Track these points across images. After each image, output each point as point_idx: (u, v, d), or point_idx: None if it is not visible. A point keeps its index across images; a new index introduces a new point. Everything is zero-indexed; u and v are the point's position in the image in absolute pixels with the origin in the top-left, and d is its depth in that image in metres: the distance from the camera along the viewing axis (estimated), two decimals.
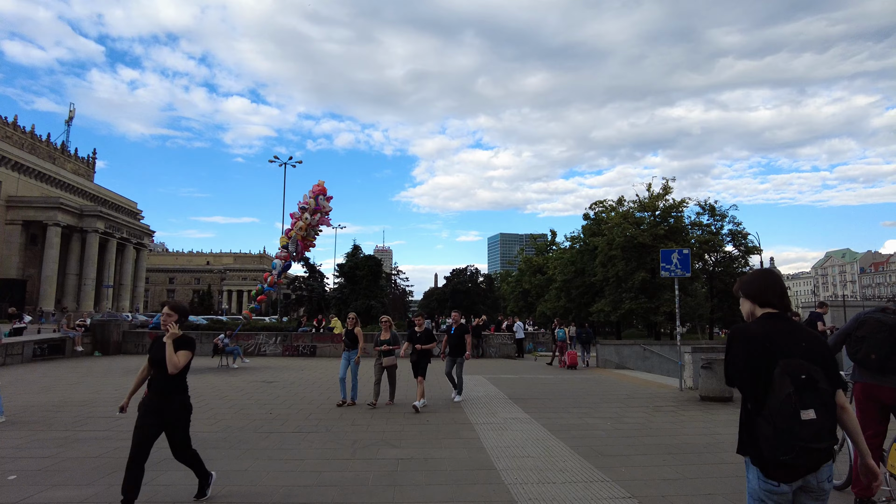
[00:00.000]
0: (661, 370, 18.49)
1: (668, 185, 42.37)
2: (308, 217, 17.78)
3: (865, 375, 4.78)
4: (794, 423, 2.25)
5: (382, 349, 10.29)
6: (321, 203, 17.98)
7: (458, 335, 10.94)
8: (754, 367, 2.39)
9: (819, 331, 11.15)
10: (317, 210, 17.91)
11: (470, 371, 17.08)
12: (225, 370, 17.07)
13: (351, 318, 11.15)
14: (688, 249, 12.38)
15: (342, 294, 36.73)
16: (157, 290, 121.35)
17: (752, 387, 2.39)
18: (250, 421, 8.65)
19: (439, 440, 7.29)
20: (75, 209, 71.93)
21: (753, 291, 2.63)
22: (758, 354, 2.39)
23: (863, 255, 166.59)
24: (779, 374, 2.31)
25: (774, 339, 2.41)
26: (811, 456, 2.29)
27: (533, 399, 11.03)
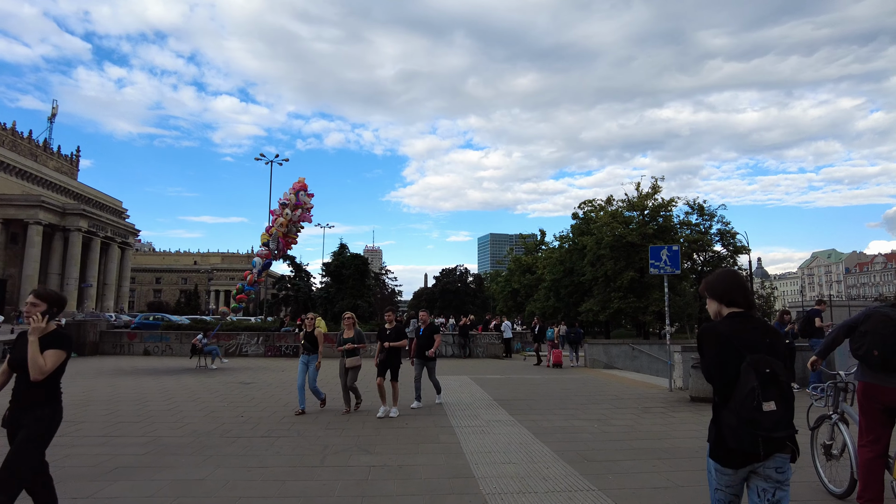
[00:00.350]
0: (650, 370, 18.22)
1: (656, 185, 42.24)
2: (289, 213, 17.30)
3: (867, 374, 4.46)
4: (757, 413, 2.38)
5: (345, 348, 9.15)
6: (302, 199, 17.51)
7: (427, 336, 10.06)
8: (723, 363, 2.55)
9: (816, 327, 10.89)
10: (297, 206, 17.43)
11: (455, 371, 16.71)
12: (203, 371, 16.54)
13: (310, 318, 10.16)
14: (677, 246, 12.07)
15: (328, 294, 36.15)
16: (143, 289, 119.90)
17: (720, 381, 2.56)
18: (219, 424, 8.19)
19: (417, 445, 6.87)
20: (57, 207, 70.66)
21: (719, 292, 2.78)
22: (727, 351, 2.55)
23: (848, 255, 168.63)
24: (745, 368, 2.45)
25: (741, 337, 2.57)
26: (770, 444, 2.42)
27: (518, 400, 10.65)
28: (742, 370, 2.47)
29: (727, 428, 2.49)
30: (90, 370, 16.22)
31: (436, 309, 65.41)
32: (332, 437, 7.29)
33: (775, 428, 2.41)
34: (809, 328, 11.32)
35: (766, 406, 2.39)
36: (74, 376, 14.75)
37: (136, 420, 8.52)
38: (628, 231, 40.32)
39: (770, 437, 2.41)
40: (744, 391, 2.43)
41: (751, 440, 2.42)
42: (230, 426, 8.04)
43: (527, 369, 18.33)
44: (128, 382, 13.39)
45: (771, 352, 2.53)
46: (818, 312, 11.28)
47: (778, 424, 2.41)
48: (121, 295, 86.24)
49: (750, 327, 2.63)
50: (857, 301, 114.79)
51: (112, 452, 6.36)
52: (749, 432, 2.42)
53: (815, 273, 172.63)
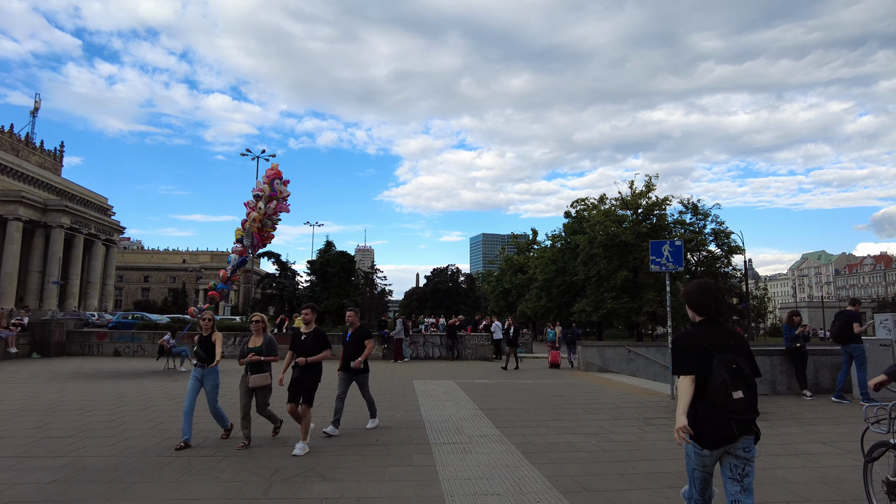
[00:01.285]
0: (647, 374, 17.27)
1: (650, 183, 41.45)
2: (262, 206, 16.16)
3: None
4: (729, 401, 2.94)
5: (249, 360, 6.92)
6: (277, 188, 16.38)
7: (356, 343, 7.95)
8: (698, 364, 3.07)
9: (856, 333, 9.82)
10: (272, 196, 16.30)
11: (441, 375, 15.67)
12: (170, 374, 15.40)
13: (206, 319, 7.42)
14: (680, 241, 11.10)
15: (313, 292, 34.97)
16: (131, 288, 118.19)
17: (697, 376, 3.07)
18: (161, 440, 7.12)
19: (384, 469, 5.83)
20: (38, 203, 68.84)
21: (692, 303, 3.30)
22: (700, 352, 3.09)
23: (838, 257, 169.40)
24: (716, 365, 3.00)
25: (711, 340, 3.12)
26: (739, 426, 2.95)
27: (507, 410, 9.63)
28: (713, 367, 2.99)
29: (704, 415, 2.99)
30: (46, 373, 15.03)
31: (426, 309, 64.37)
32: (286, 459, 6.24)
33: (744, 412, 2.93)
34: (847, 333, 9.95)
35: (735, 394, 2.92)
36: (26, 380, 13.58)
37: (67, 435, 7.42)
38: (622, 230, 39.51)
39: (740, 419, 2.93)
40: (716, 383, 2.94)
41: (724, 423, 2.94)
42: (174, 441, 6.97)
43: (517, 373, 17.32)
44: (81, 388, 12.23)
45: (736, 351, 3.08)
46: (855, 315, 10.07)
47: (746, 409, 2.94)
48: (105, 293, 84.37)
49: (717, 332, 3.17)
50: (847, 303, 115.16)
51: (11, 480, 5.27)
52: (723, 416, 2.93)
53: (806, 274, 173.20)
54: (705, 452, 3.07)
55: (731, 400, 2.91)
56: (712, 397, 2.94)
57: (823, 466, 5.93)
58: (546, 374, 17.06)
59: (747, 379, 2.98)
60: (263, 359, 6.99)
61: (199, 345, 7.30)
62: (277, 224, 17.28)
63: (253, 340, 7.20)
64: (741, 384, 2.95)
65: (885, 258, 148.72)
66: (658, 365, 17.54)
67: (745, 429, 2.97)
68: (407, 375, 15.53)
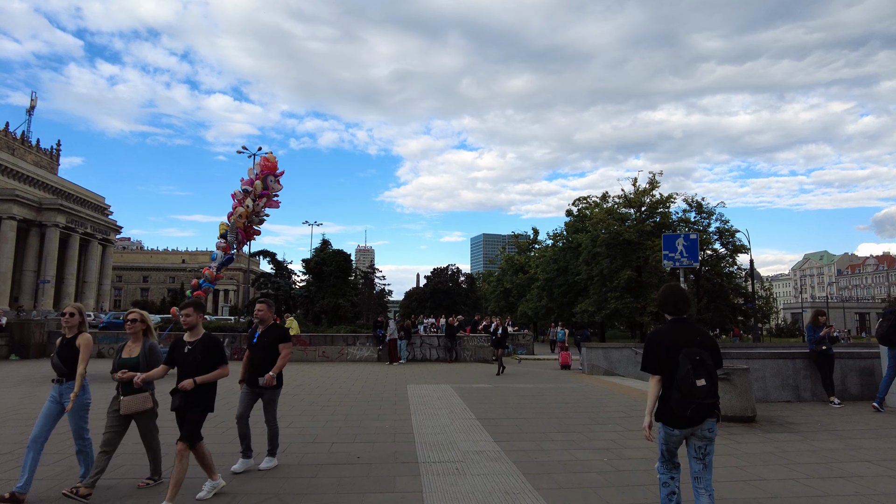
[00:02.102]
0: None
1: (654, 180, 40.52)
2: (250, 203, 15.25)
3: None
4: (693, 388, 3.44)
5: (120, 377, 5.07)
6: (270, 185, 15.47)
7: (267, 346, 5.85)
8: (668, 356, 3.60)
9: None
10: (263, 195, 15.38)
11: (438, 378, 14.78)
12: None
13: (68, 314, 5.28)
14: (695, 234, 10.21)
15: (309, 292, 34.08)
16: (130, 288, 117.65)
17: (666, 369, 3.60)
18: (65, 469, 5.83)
19: (362, 496, 4.94)
20: (33, 202, 68.02)
21: (664, 305, 3.92)
22: (669, 347, 3.63)
23: (840, 257, 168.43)
24: (682, 358, 3.52)
25: (680, 336, 3.67)
26: (702, 410, 3.48)
27: (506, 420, 8.72)
28: (680, 359, 3.54)
29: (673, 400, 3.53)
30: (17, 377, 14.16)
31: (426, 309, 63.44)
32: (238, 479, 5.34)
33: (706, 397, 3.48)
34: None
35: (698, 382, 3.46)
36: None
37: (5, 451, 6.52)
38: (625, 228, 38.62)
39: (702, 403, 3.47)
40: (682, 373, 3.48)
41: (692, 409, 3.47)
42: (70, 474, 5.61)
43: (517, 376, 16.43)
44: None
45: (701, 345, 3.62)
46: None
47: (707, 394, 3.48)
48: (101, 293, 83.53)
49: (686, 329, 3.75)
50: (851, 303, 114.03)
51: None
52: (688, 401, 3.46)
53: (808, 275, 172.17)
54: (675, 432, 3.61)
55: (694, 387, 3.41)
56: (679, 385, 3.46)
57: (881, 494, 5.03)
58: (548, 377, 16.16)
59: (709, 369, 3.49)
60: (142, 377, 4.88)
61: (57, 352, 5.15)
62: (265, 220, 16.37)
63: (128, 349, 5.27)
64: (703, 373, 3.46)
65: (888, 258, 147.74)
66: None
67: (708, 412, 3.50)
68: (401, 379, 14.65)
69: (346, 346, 20.69)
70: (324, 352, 20.38)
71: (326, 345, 20.59)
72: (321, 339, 20.78)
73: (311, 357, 20.28)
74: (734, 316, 45.20)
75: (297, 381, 14.01)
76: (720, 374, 8.81)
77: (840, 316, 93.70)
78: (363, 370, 17.04)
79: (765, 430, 7.84)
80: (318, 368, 17.43)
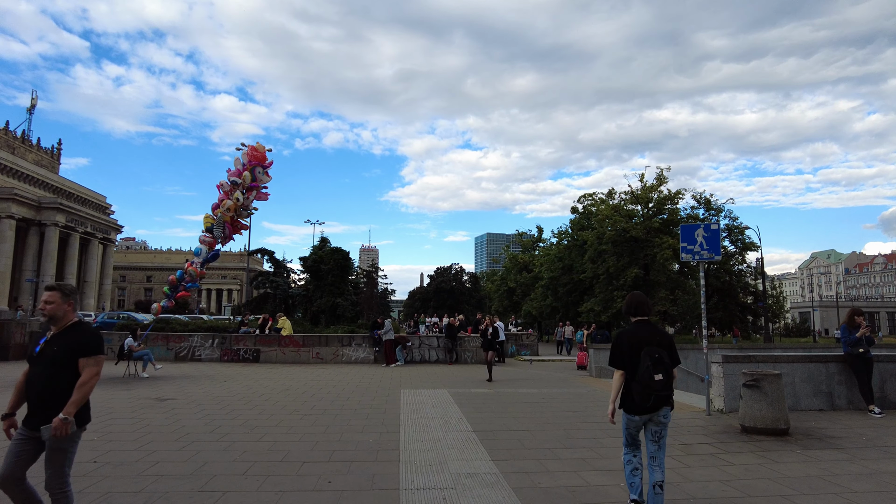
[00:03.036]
0: None
1: (662, 176, 39.32)
2: (239, 197, 14.32)
3: None
4: (651, 381, 4.06)
5: None
6: (258, 176, 14.54)
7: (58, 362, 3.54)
8: (631, 353, 4.21)
9: None
10: (252, 187, 14.45)
11: (434, 382, 13.81)
12: (130, 380, 13.62)
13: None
14: (717, 224, 9.19)
15: (307, 291, 33.18)
16: (134, 288, 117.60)
17: (630, 364, 4.20)
18: None
19: None
20: (32, 201, 67.44)
21: (630, 309, 4.52)
22: (633, 345, 4.23)
23: (847, 256, 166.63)
24: (643, 355, 4.13)
25: (643, 336, 4.28)
26: (660, 400, 4.12)
27: (507, 432, 7.74)
28: (641, 356, 4.14)
29: (635, 391, 4.14)
30: None
31: (430, 309, 62.46)
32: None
33: (662, 389, 4.09)
34: None
35: (656, 377, 4.06)
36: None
37: None
38: (632, 225, 37.48)
39: (659, 394, 4.09)
40: (643, 368, 4.09)
41: (650, 399, 4.10)
42: None
43: (520, 382, 15.45)
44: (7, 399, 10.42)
45: (660, 344, 4.21)
46: None
47: (664, 387, 4.09)
48: (103, 293, 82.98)
49: (648, 330, 4.35)
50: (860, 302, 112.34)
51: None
52: (647, 392, 4.08)
53: (815, 273, 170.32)
54: (636, 418, 4.24)
55: (653, 381, 4.07)
56: (640, 379, 4.10)
57: None
58: (554, 381, 15.18)
59: (666, 365, 4.14)
60: None
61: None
62: (252, 213, 15.45)
63: None
64: (661, 369, 4.10)
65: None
66: (680, 370, 15.62)
67: (663, 401, 4.17)
68: (396, 383, 13.69)
69: (342, 346, 19.74)
70: (317, 353, 19.45)
71: (320, 345, 19.66)
72: (315, 340, 19.84)
73: (305, 359, 19.35)
74: (744, 315, 44.01)
75: (283, 385, 13.07)
76: (750, 382, 7.83)
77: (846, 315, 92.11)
78: (358, 373, 16.10)
79: (803, 446, 6.83)
80: (309, 371, 16.50)
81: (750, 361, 9.12)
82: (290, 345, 19.50)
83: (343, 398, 11.00)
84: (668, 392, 4.12)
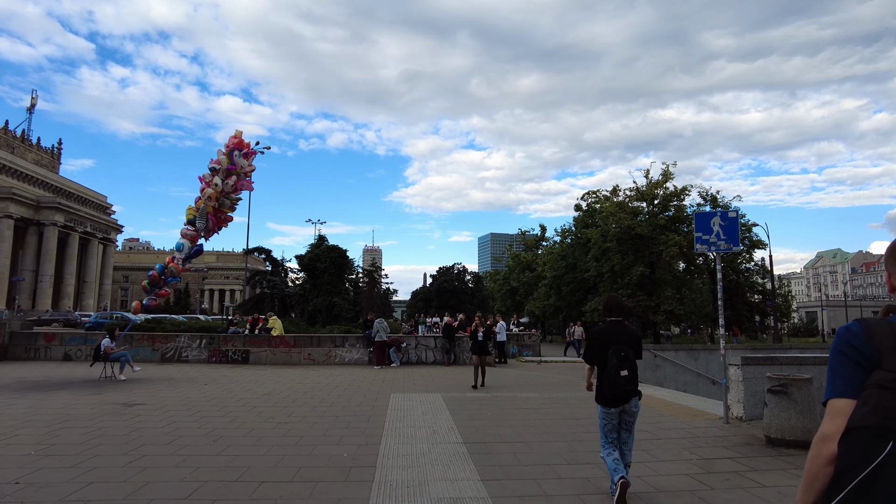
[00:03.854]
0: (676, 383, 14.45)
1: (668, 172, 38.28)
2: (219, 182, 13.51)
3: None
4: (618, 377, 4.56)
5: None
6: (237, 161, 13.71)
7: None
8: (601, 350, 4.73)
9: None
10: (231, 171, 13.62)
11: (428, 385, 12.92)
12: (106, 384, 12.81)
13: None
14: (735, 213, 8.30)
15: (303, 290, 32.39)
16: (136, 288, 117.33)
17: (600, 361, 4.74)
18: None
19: None
20: (31, 200, 67.00)
21: (603, 310, 5.11)
22: (603, 344, 4.74)
23: (854, 255, 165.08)
24: (611, 353, 4.61)
25: (611, 335, 4.75)
26: (626, 393, 4.61)
27: (502, 444, 6.87)
28: (609, 354, 4.62)
29: (605, 386, 4.66)
30: None
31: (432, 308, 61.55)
32: None
33: (627, 384, 4.59)
34: None
35: (622, 373, 4.56)
36: None
37: None
38: (637, 222, 36.49)
39: (624, 389, 4.59)
40: (610, 365, 4.58)
41: (618, 392, 4.60)
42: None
43: (519, 387, 14.58)
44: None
45: (627, 343, 4.68)
46: None
47: (629, 382, 4.60)
48: (102, 293, 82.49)
49: (619, 329, 4.81)
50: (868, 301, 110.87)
51: None
52: (614, 387, 4.58)
53: (821, 273, 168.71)
54: (611, 411, 4.74)
55: (619, 376, 4.54)
56: (608, 375, 4.59)
57: None
58: (556, 384, 14.29)
59: (631, 363, 4.63)
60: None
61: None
62: (237, 204, 14.61)
63: None
64: (626, 366, 4.58)
65: None
66: (690, 372, 14.73)
67: (630, 394, 4.63)
68: (387, 386, 12.84)
69: (334, 347, 18.89)
70: (309, 354, 18.60)
71: (312, 346, 18.81)
72: (306, 341, 19.00)
73: (296, 360, 18.51)
74: (751, 314, 42.99)
75: (267, 388, 12.24)
76: (776, 387, 6.93)
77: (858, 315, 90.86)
78: (349, 375, 15.26)
79: None
80: (298, 373, 15.67)
81: (773, 364, 8.22)
82: (280, 345, 18.67)
83: (327, 403, 10.15)
84: (633, 387, 4.64)
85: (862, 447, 1.20)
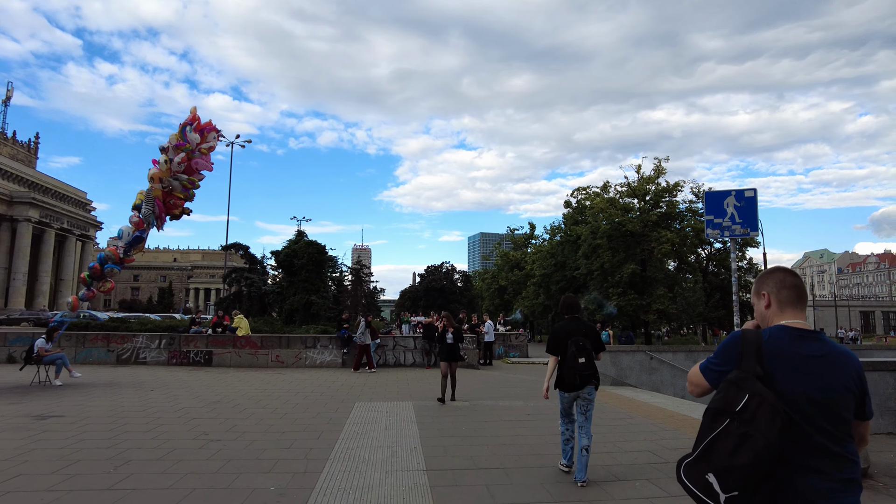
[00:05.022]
0: (674, 388, 13.22)
1: (660, 167, 37.26)
2: (166, 160, 12.02)
3: None
4: (576, 364, 5.09)
5: None
6: (189, 136, 12.20)
7: None
8: (561, 342, 5.26)
9: None
10: (179, 147, 12.12)
11: (401, 393, 11.44)
12: (34, 390, 11.31)
13: None
14: (752, 192, 7.04)
15: (280, 288, 30.82)
16: (120, 287, 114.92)
17: (560, 351, 5.26)
18: None
19: None
20: (4, 195, 64.61)
21: (561, 308, 5.76)
22: (563, 336, 5.27)
23: (840, 255, 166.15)
24: (569, 343, 5.15)
25: (569, 328, 5.34)
26: (583, 379, 5.13)
27: (473, 473, 5.53)
28: (567, 344, 5.16)
29: (565, 373, 5.17)
30: None
31: (420, 308, 60.15)
32: None
33: (584, 370, 5.11)
34: None
35: (580, 360, 5.09)
36: None
37: None
38: (628, 219, 35.38)
39: (582, 374, 5.10)
40: (569, 353, 5.11)
41: (575, 378, 5.12)
42: None
43: (510, 396, 13.25)
44: None
45: (584, 335, 5.25)
46: None
47: (586, 369, 5.11)
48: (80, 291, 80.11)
49: (576, 324, 5.42)
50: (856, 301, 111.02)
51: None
52: (573, 373, 5.10)
53: (808, 273, 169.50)
54: (566, 395, 5.30)
55: (576, 363, 5.07)
56: (567, 362, 5.11)
57: None
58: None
59: (588, 351, 5.13)
60: None
61: None
62: (196, 188, 13.12)
63: None
64: (584, 354, 5.10)
65: (889, 256, 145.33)
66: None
67: (586, 380, 5.15)
68: (354, 393, 11.46)
69: (305, 348, 17.45)
70: (277, 355, 17.15)
71: (281, 347, 17.36)
72: (275, 341, 17.54)
73: (263, 362, 17.05)
74: (743, 314, 42.11)
75: (219, 395, 10.82)
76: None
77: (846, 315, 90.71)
78: (316, 379, 13.87)
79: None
80: (262, 376, 14.25)
81: None
82: (246, 346, 17.21)
83: (279, 414, 8.77)
84: (589, 372, 5.12)
85: (710, 421, 1.75)
